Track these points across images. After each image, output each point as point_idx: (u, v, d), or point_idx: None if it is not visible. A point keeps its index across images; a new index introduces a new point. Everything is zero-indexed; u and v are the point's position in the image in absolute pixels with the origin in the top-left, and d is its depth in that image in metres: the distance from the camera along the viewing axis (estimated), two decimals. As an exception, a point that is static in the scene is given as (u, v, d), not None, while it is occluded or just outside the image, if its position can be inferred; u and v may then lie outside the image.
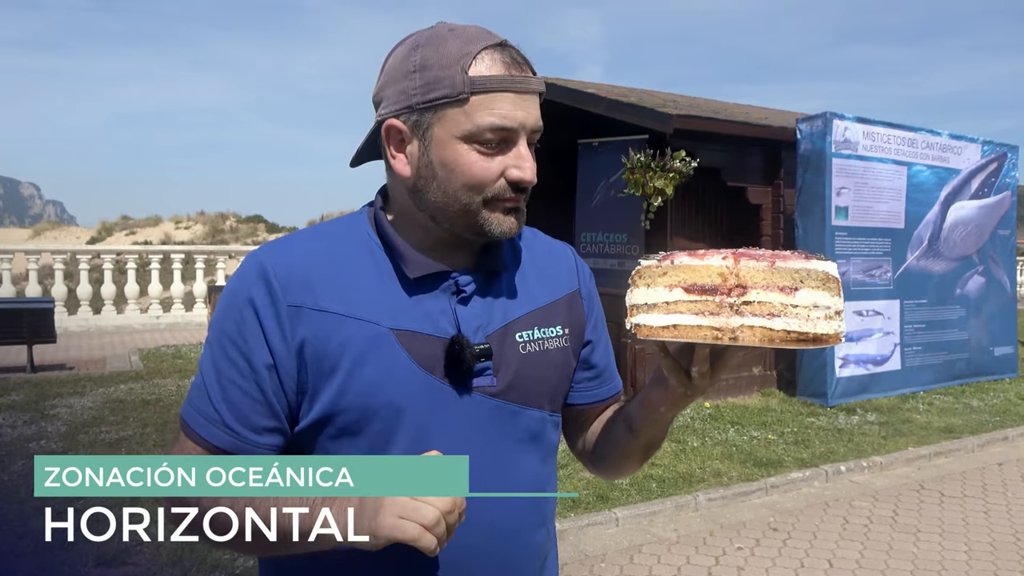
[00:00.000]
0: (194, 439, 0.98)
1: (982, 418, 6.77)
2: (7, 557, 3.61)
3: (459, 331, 1.00)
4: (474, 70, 0.94)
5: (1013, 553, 4.09)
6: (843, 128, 7.06)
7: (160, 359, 9.13)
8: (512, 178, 0.97)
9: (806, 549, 4.08)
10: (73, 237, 35.97)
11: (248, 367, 0.96)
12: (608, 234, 7.55)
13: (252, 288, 0.97)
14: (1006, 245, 8.85)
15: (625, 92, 8.17)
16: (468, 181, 0.96)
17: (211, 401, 0.97)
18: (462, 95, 0.94)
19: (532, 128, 0.98)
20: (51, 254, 12.27)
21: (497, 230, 0.99)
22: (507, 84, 0.95)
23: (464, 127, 0.95)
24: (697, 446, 5.60)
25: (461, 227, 1.00)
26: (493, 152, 0.96)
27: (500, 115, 0.95)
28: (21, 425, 5.99)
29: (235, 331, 0.97)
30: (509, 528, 1.03)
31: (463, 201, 0.97)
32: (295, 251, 1.00)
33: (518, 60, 0.98)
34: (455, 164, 0.96)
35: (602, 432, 1.17)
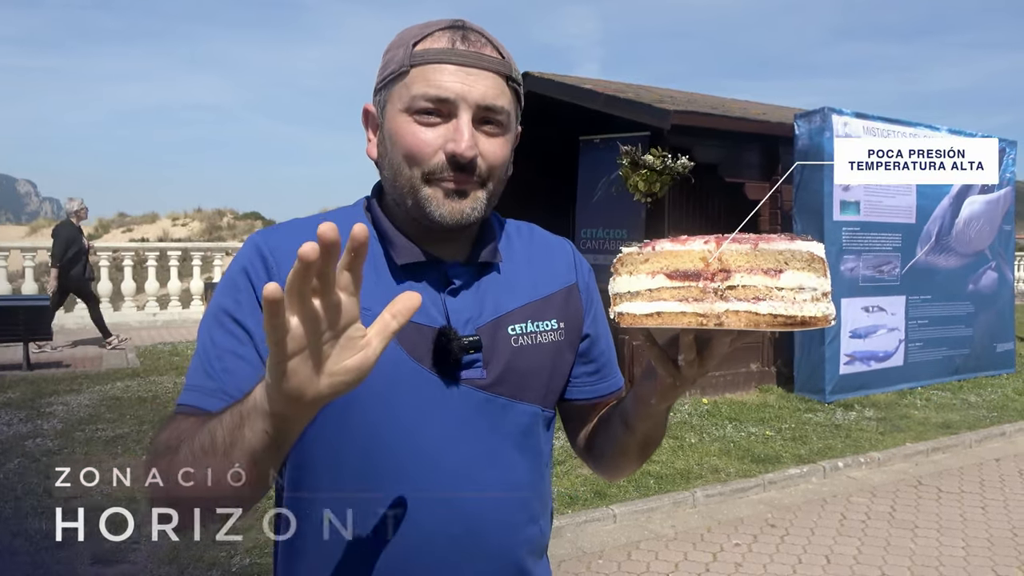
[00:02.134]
0: (188, 412, 0.92)
1: (980, 414, 6.77)
2: (4, 555, 3.60)
3: (448, 322, 0.99)
4: (421, 46, 0.96)
5: (1010, 548, 4.09)
6: (843, 123, 7.04)
7: (157, 356, 9.11)
8: (447, 151, 0.95)
9: (804, 545, 4.08)
10: (70, 234, 35.86)
11: (245, 333, 0.95)
12: (608, 230, 7.55)
13: (246, 262, 0.98)
14: (1008, 240, 8.86)
15: (622, 88, 8.16)
16: (405, 151, 0.96)
17: (208, 374, 0.94)
18: (403, 68, 0.96)
19: (476, 102, 0.95)
20: (47, 251, 12.24)
21: (436, 212, 0.97)
22: (446, 56, 0.95)
23: (404, 98, 0.96)
24: (695, 442, 5.60)
25: (411, 207, 0.99)
26: (433, 125, 0.96)
27: (435, 84, 0.94)
28: (17, 423, 5.97)
29: (231, 303, 0.97)
30: (497, 522, 1.02)
31: (405, 175, 0.97)
32: (290, 235, 1.00)
33: (469, 37, 0.97)
34: (396, 136, 0.97)
35: (600, 429, 1.16)
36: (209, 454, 0.79)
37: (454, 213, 0.97)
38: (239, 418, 0.76)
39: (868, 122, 7.27)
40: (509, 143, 1.02)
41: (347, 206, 1.10)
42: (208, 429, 0.81)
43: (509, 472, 1.03)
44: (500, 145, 0.99)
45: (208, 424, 0.81)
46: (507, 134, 1.01)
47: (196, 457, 0.81)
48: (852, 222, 7.09)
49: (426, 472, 0.97)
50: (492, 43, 0.99)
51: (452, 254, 1.03)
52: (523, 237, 1.14)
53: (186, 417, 0.91)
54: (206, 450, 0.80)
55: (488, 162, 0.97)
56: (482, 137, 0.97)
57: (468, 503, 0.99)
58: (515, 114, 1.03)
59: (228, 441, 0.78)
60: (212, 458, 0.79)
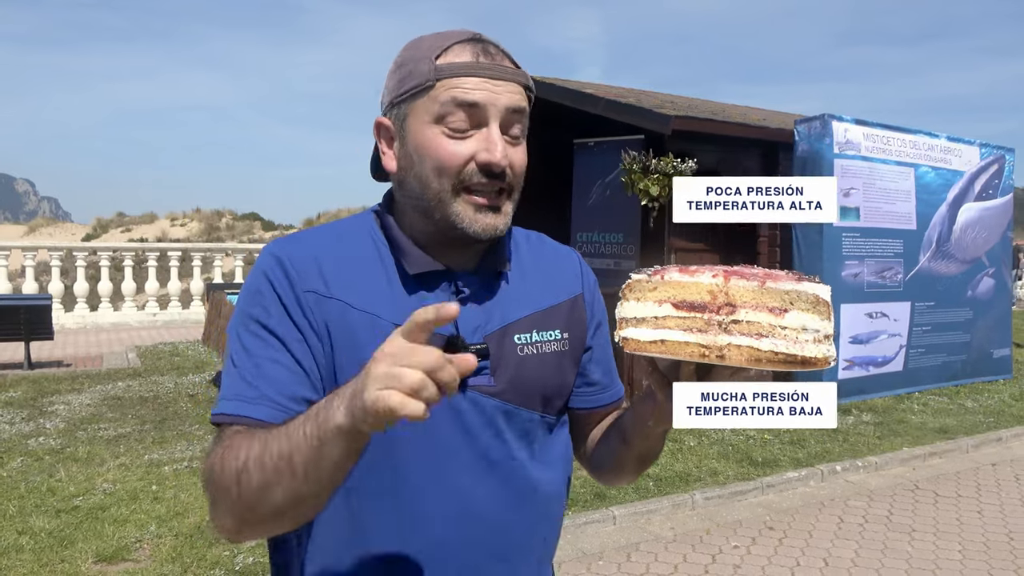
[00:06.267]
0: (237, 422, 0.92)
1: (976, 419, 6.81)
2: (8, 553, 3.62)
3: (456, 331, 1.00)
4: (442, 59, 0.97)
5: (1007, 553, 4.12)
6: (843, 129, 7.07)
7: (157, 356, 9.13)
8: (480, 160, 0.96)
9: (802, 548, 4.11)
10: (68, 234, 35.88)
11: (278, 341, 0.96)
12: (604, 234, 7.58)
13: (270, 274, 0.99)
14: (1007, 247, 8.90)
15: (623, 92, 8.19)
16: (436, 163, 0.97)
17: (248, 382, 0.94)
18: (428, 82, 0.97)
19: (506, 107, 0.97)
20: (48, 251, 12.25)
21: (469, 228, 0.98)
22: (472, 69, 0.97)
23: (432, 111, 0.97)
24: (694, 445, 5.63)
25: (439, 220, 1.00)
26: (463, 136, 0.97)
27: (463, 90, 0.96)
28: (19, 422, 5.99)
29: (260, 312, 0.97)
30: (505, 527, 1.04)
31: (435, 188, 0.98)
32: (306, 244, 1.03)
33: (490, 50, 0.99)
34: (425, 148, 0.97)
35: (600, 440, 1.18)
36: (286, 476, 0.82)
37: (488, 228, 0.99)
38: (317, 441, 0.79)
39: (868, 128, 7.31)
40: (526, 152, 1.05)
41: (357, 215, 1.11)
42: (278, 454, 0.82)
43: (518, 477, 1.05)
44: (522, 152, 1.02)
45: (273, 446, 0.83)
46: (524, 143, 1.04)
47: (270, 480, 0.83)
48: (852, 228, 7.11)
49: (435, 477, 1.00)
50: (508, 55, 1.02)
51: (462, 263, 1.05)
52: (532, 246, 1.16)
53: (236, 432, 0.91)
54: (281, 471, 0.82)
55: (515, 171, 1.00)
56: (508, 146, 0.99)
57: (477, 508, 1.01)
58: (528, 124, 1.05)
59: (308, 463, 0.80)
60: (291, 480, 0.82)
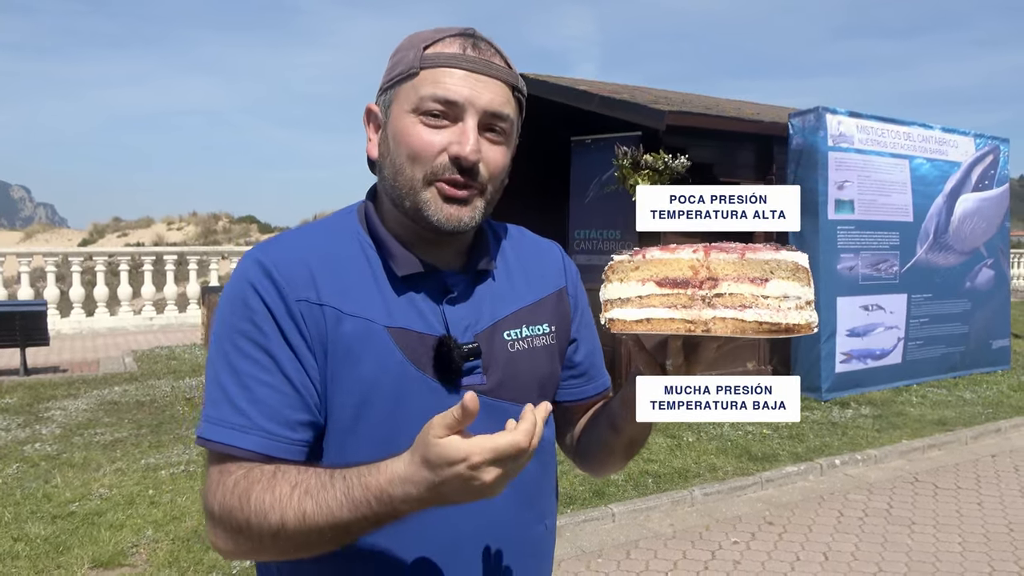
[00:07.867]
0: (227, 452, 0.92)
1: (975, 410, 6.80)
2: (3, 560, 3.60)
3: (447, 331, 1.00)
4: (431, 50, 0.98)
5: (1007, 544, 4.11)
6: (837, 122, 7.07)
7: (154, 360, 9.10)
8: (452, 153, 0.95)
9: (801, 542, 4.10)
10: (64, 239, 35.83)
11: (271, 360, 0.93)
12: (601, 231, 7.57)
13: (257, 284, 0.95)
14: (1005, 237, 8.91)
15: (617, 89, 8.19)
16: (409, 150, 0.97)
17: (235, 407, 0.92)
18: (412, 70, 0.97)
19: (484, 108, 0.96)
20: (43, 256, 12.21)
21: (434, 217, 0.97)
22: (456, 61, 0.97)
23: (412, 99, 0.97)
24: (692, 441, 5.62)
25: (409, 209, 0.99)
26: (439, 126, 0.96)
27: (444, 86, 0.96)
28: (15, 428, 5.97)
29: (250, 328, 0.94)
30: (504, 521, 1.04)
31: (406, 175, 0.97)
32: (291, 249, 1.00)
33: (480, 46, 0.99)
34: (401, 135, 0.97)
35: (587, 429, 1.18)
36: (325, 544, 0.88)
37: (452, 219, 0.97)
38: (370, 525, 0.85)
39: (862, 121, 7.30)
40: (509, 152, 1.03)
41: (341, 211, 1.09)
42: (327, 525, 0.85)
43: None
44: (501, 153, 1.01)
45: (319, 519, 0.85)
46: (508, 143, 1.02)
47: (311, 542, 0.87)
48: (847, 221, 7.10)
49: None
50: (500, 53, 1.01)
51: (448, 262, 1.04)
52: (513, 241, 1.15)
53: (228, 467, 0.92)
54: (324, 542, 0.88)
55: (489, 169, 0.98)
56: (485, 144, 0.98)
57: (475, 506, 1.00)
58: (517, 125, 1.04)
59: (351, 536, 0.87)
60: (327, 545, 0.88)
